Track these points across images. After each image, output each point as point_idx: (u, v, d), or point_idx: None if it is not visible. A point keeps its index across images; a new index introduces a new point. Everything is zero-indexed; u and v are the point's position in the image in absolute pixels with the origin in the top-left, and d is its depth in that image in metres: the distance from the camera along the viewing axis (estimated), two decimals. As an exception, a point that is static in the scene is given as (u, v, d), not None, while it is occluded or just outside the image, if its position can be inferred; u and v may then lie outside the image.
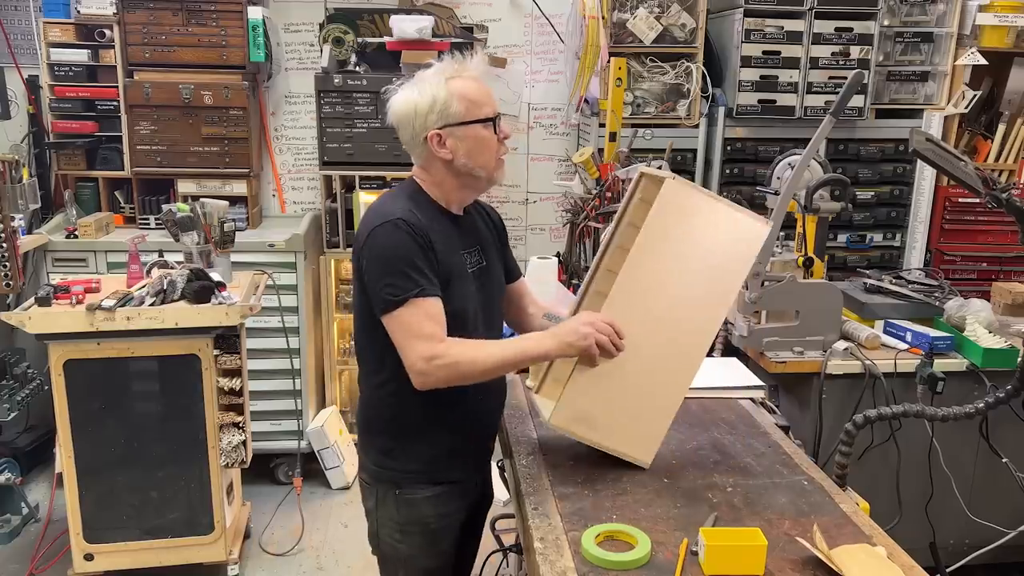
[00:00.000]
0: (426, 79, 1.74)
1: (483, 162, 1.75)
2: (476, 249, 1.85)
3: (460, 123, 1.71)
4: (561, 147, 4.34)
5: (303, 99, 4.16)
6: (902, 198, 3.97)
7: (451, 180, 1.77)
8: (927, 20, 3.89)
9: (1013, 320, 2.95)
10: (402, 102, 1.74)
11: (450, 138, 1.72)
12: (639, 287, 1.67)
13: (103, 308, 2.65)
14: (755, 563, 1.38)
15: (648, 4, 3.70)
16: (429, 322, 1.65)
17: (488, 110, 1.74)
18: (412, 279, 1.65)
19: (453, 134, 1.71)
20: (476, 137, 1.73)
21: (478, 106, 1.72)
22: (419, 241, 1.67)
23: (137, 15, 3.62)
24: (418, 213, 1.71)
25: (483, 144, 1.74)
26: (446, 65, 1.75)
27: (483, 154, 1.75)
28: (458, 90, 1.71)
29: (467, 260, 1.81)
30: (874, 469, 2.62)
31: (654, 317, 1.69)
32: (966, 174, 2.07)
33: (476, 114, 1.72)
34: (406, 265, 1.65)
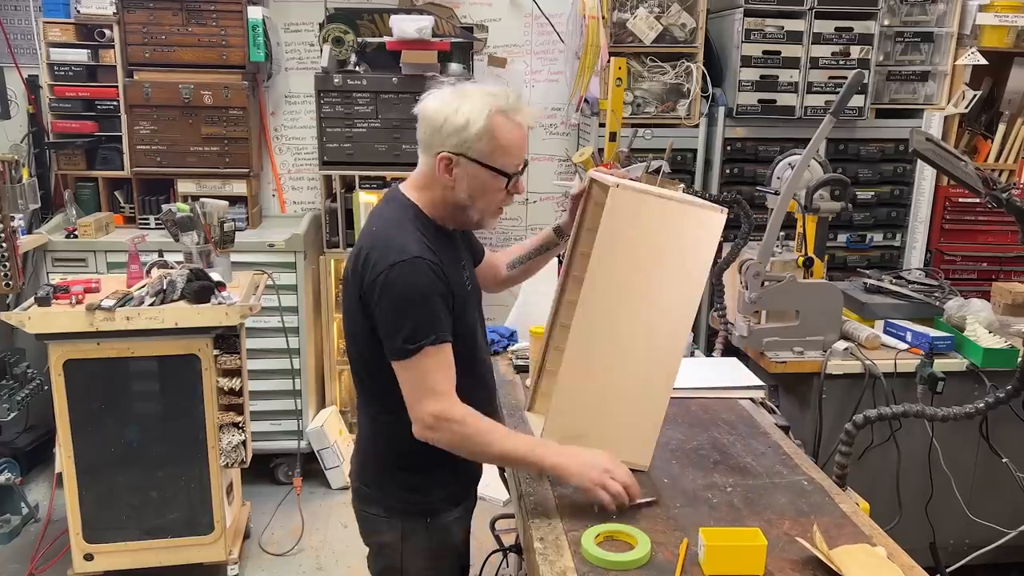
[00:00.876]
0: (472, 97, 1.60)
1: (482, 206, 1.66)
2: (465, 264, 1.79)
3: (477, 161, 1.60)
4: (561, 147, 4.34)
5: (303, 99, 4.16)
6: (902, 198, 3.97)
7: (444, 205, 1.68)
8: (927, 20, 3.89)
9: (1013, 320, 2.95)
10: (437, 106, 1.62)
11: (459, 168, 1.61)
12: (606, 296, 1.63)
13: (103, 308, 2.65)
14: (755, 563, 1.38)
15: (648, 4, 3.70)
16: (442, 374, 1.58)
17: (512, 165, 1.63)
18: (430, 325, 1.56)
19: (464, 166, 1.61)
20: (485, 183, 1.63)
21: (506, 155, 1.61)
22: (438, 280, 1.58)
23: (137, 15, 3.63)
24: (428, 242, 1.62)
25: (488, 192, 1.64)
26: (499, 94, 1.62)
27: (484, 199, 1.65)
28: (496, 128, 1.58)
29: (465, 277, 1.75)
30: (874, 469, 2.62)
31: (627, 323, 1.66)
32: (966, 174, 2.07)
33: (499, 163, 1.61)
34: (426, 311, 1.56)
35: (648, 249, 1.65)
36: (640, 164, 3.34)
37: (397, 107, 3.69)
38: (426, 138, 1.64)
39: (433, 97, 1.64)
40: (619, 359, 1.67)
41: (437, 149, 1.61)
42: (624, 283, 1.64)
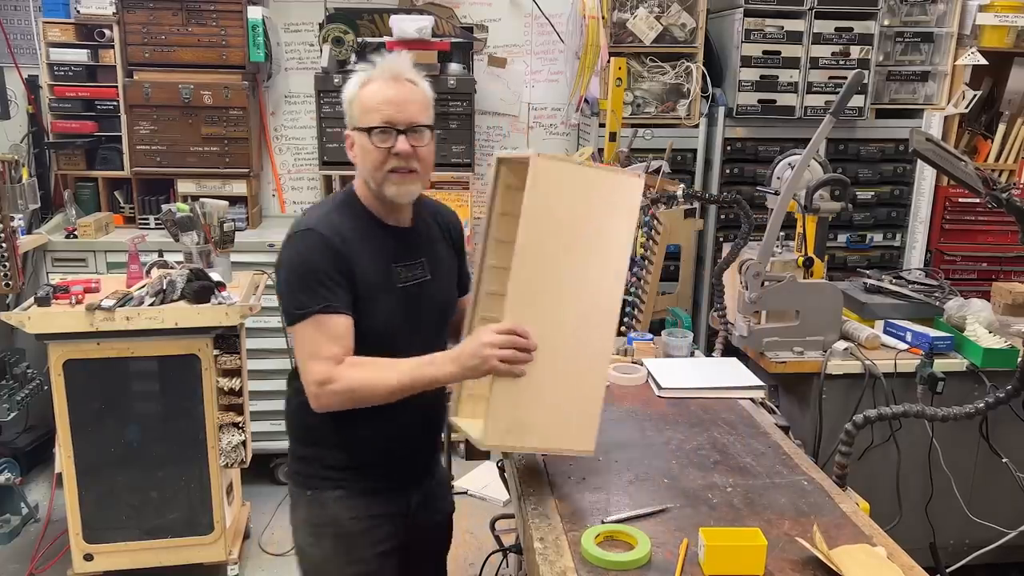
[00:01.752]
0: (355, 75, 1.68)
1: (368, 173, 1.66)
2: (420, 263, 1.76)
3: (355, 129, 1.66)
4: (561, 147, 4.33)
5: (303, 99, 4.16)
6: (902, 198, 3.97)
7: (365, 187, 1.71)
8: (927, 20, 3.89)
9: (1013, 320, 2.95)
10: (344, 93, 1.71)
11: (352, 144, 1.68)
12: (536, 276, 1.54)
13: (103, 308, 2.65)
14: (755, 563, 1.38)
15: (648, 4, 3.70)
16: (329, 342, 1.59)
17: (370, 118, 1.63)
18: (318, 294, 1.59)
19: (352, 140, 1.68)
20: (362, 146, 1.65)
21: (367, 112, 1.63)
22: (331, 252, 1.61)
23: (137, 15, 3.62)
24: (343, 222, 1.66)
25: (366, 154, 1.65)
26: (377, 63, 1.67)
27: (367, 164, 1.65)
28: (364, 93, 1.65)
29: (401, 274, 1.72)
30: (874, 469, 2.62)
31: (558, 303, 1.58)
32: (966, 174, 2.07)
33: (362, 121, 1.64)
34: (313, 279, 1.59)
35: (573, 220, 1.58)
36: (640, 164, 3.34)
37: (397, 107, 3.68)
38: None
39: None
40: (554, 342, 1.57)
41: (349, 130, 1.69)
42: (552, 259, 1.56)
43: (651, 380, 2.30)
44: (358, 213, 1.70)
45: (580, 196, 1.58)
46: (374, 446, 1.76)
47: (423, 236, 1.80)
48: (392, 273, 1.70)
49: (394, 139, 1.62)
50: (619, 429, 1.99)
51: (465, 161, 3.78)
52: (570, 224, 1.58)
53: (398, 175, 1.65)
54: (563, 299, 1.58)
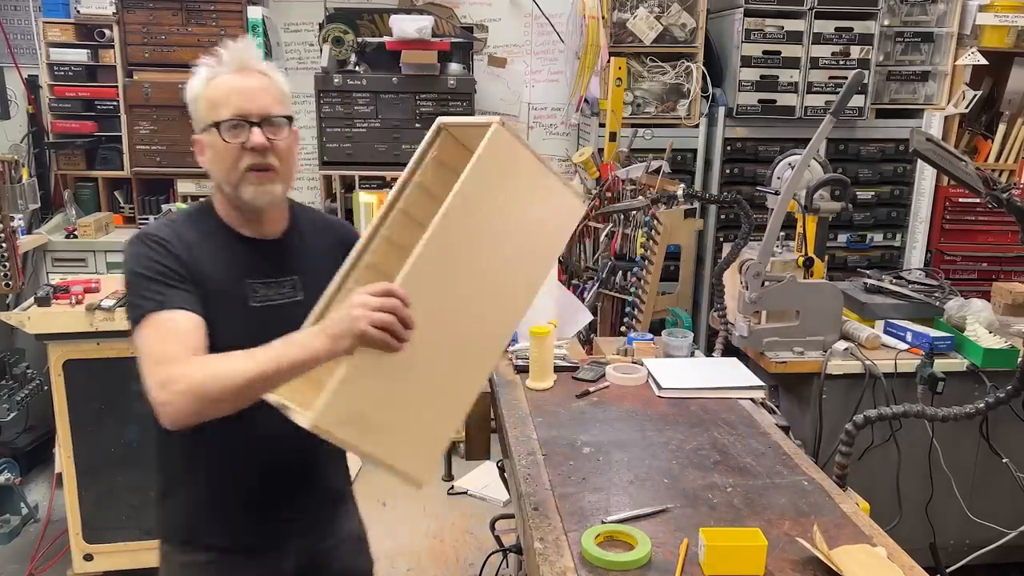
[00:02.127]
0: (198, 70, 1.47)
1: (222, 176, 1.45)
2: (289, 281, 1.51)
3: (201, 130, 1.46)
4: (561, 147, 4.34)
5: (303, 99, 4.16)
6: (902, 198, 3.97)
7: (221, 196, 1.51)
8: (927, 20, 3.89)
9: (1013, 320, 2.95)
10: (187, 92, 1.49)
11: (203, 146, 1.47)
12: (446, 257, 1.28)
13: (102, 308, 2.64)
14: (755, 563, 1.38)
15: (648, 4, 3.70)
16: (167, 341, 1.33)
17: (218, 112, 1.43)
18: (149, 293, 1.38)
19: (202, 143, 1.47)
20: (212, 145, 1.44)
21: (214, 107, 1.43)
22: (167, 253, 1.42)
23: (137, 15, 3.63)
24: (188, 231, 1.47)
25: (217, 154, 1.44)
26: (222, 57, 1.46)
27: (219, 165, 1.44)
28: (209, 88, 1.45)
29: (258, 291, 1.47)
30: (874, 469, 2.61)
31: (458, 300, 1.31)
32: (966, 174, 2.07)
33: (209, 117, 1.43)
34: (143, 279, 1.40)
35: (509, 211, 1.35)
36: (640, 164, 3.35)
37: (397, 107, 3.69)
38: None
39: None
40: (437, 341, 1.30)
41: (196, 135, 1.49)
42: (469, 248, 1.30)
43: (651, 380, 2.30)
44: (209, 224, 1.50)
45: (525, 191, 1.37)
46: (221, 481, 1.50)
47: (296, 250, 1.54)
48: (245, 289, 1.46)
49: (247, 132, 1.42)
50: (619, 429, 1.99)
51: (465, 161, 3.78)
52: (503, 217, 1.35)
53: (255, 174, 1.43)
54: (464, 298, 1.32)
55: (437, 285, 1.28)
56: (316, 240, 1.58)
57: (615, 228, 3.28)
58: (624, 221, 3.26)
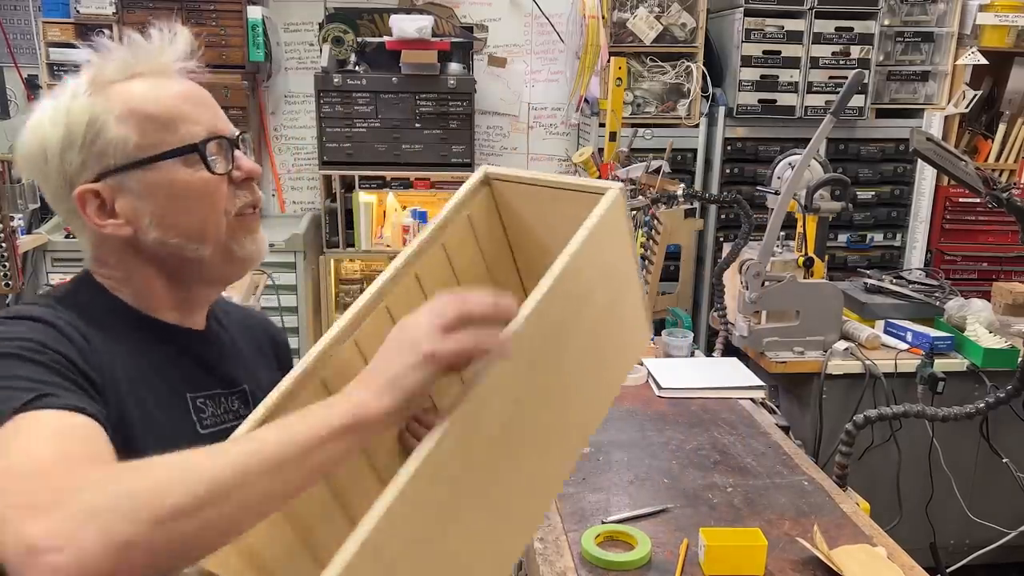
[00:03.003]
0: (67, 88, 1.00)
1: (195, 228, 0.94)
2: (238, 394, 1.02)
3: (134, 164, 0.91)
4: (561, 147, 4.33)
5: (303, 99, 4.16)
6: (902, 198, 3.97)
7: (145, 271, 0.96)
8: (927, 20, 3.88)
9: (1014, 320, 2.95)
10: (28, 137, 0.98)
11: (121, 196, 0.92)
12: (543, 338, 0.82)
13: (102, 308, 2.64)
14: (755, 563, 1.38)
15: (648, 4, 3.70)
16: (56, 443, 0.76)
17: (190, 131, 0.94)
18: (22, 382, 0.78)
19: (125, 187, 0.92)
20: (172, 184, 0.92)
21: (169, 125, 0.93)
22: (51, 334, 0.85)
23: (136, 15, 3.62)
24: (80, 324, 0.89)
25: (189, 194, 0.93)
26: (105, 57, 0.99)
27: (192, 213, 0.94)
28: (125, 101, 0.93)
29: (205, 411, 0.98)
30: (874, 469, 2.61)
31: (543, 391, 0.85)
32: (967, 174, 2.07)
33: (165, 141, 0.92)
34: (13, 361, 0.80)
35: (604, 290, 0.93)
36: (640, 164, 3.34)
37: (397, 107, 3.69)
38: (48, 191, 0.97)
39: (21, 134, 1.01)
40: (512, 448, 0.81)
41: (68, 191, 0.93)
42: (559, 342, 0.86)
43: (651, 380, 2.30)
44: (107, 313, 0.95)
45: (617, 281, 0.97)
46: None
47: (229, 348, 1.06)
48: (188, 410, 0.96)
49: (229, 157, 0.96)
50: (619, 429, 1.99)
51: (465, 161, 3.78)
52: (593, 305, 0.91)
53: (251, 217, 1.00)
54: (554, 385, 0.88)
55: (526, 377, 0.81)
56: (241, 333, 1.11)
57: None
58: (624, 221, 3.26)
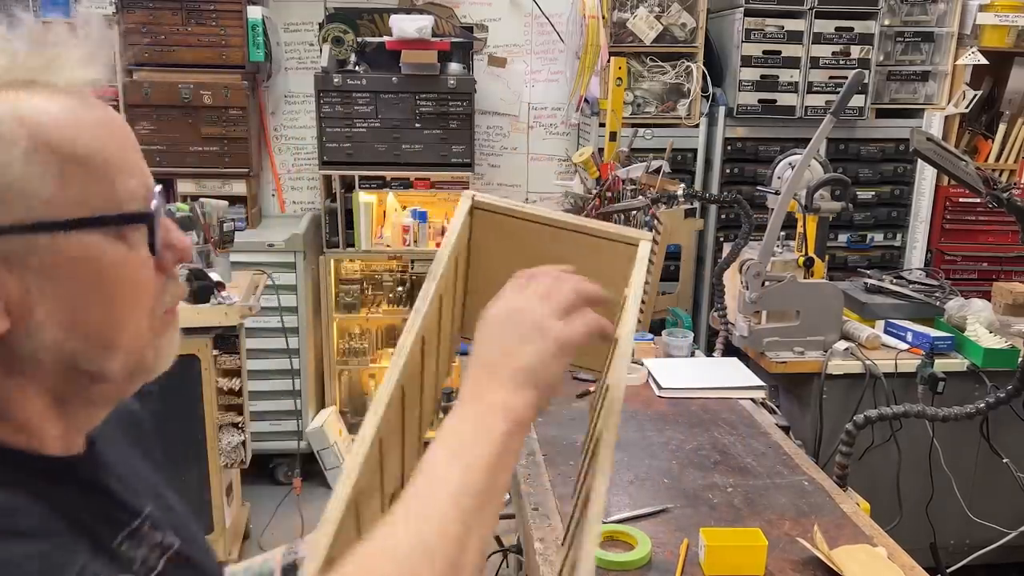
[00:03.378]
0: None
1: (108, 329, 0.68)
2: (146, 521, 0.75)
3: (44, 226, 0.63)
4: (561, 147, 4.33)
5: (303, 99, 4.15)
6: (903, 198, 3.96)
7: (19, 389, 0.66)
8: (927, 20, 3.88)
9: (1014, 320, 2.95)
10: None
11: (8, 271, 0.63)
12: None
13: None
14: (755, 564, 1.38)
15: (648, 3, 3.70)
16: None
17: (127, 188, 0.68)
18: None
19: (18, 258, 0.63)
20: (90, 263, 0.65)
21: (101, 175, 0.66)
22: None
23: (136, 14, 3.62)
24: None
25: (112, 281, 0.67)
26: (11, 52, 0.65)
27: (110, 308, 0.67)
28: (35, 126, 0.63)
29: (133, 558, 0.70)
30: (875, 469, 2.61)
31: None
32: (967, 174, 2.07)
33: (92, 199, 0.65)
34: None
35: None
36: (640, 164, 3.34)
37: (397, 107, 3.69)
38: None
39: None
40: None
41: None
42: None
43: (651, 380, 2.30)
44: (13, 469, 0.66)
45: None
46: None
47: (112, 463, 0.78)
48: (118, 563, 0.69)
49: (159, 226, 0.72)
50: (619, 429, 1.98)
51: (465, 161, 3.78)
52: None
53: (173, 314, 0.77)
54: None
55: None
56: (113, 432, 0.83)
57: (615, 228, 3.28)
58: (624, 221, 3.26)
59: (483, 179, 4.25)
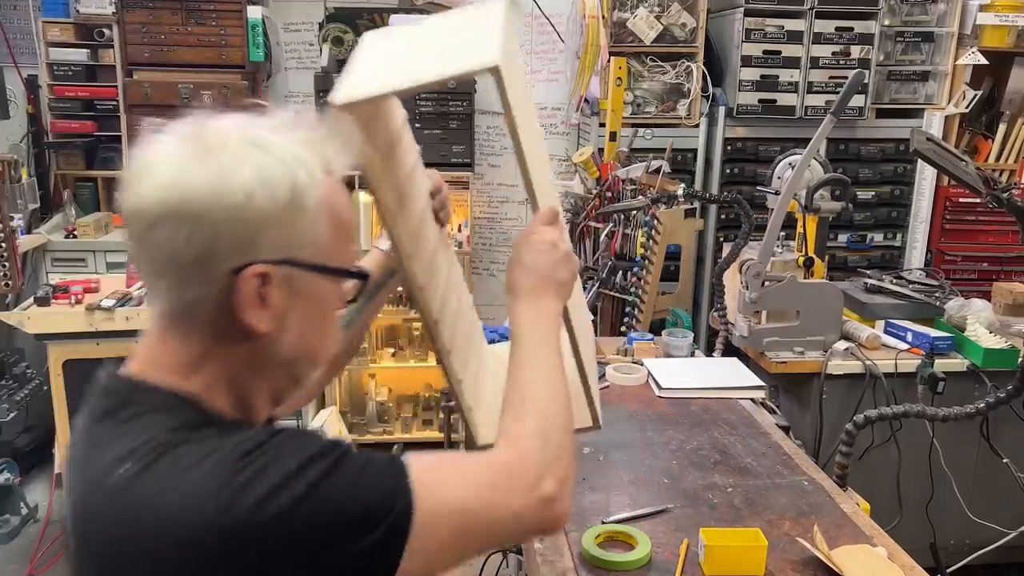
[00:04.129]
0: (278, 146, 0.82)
1: (316, 350, 0.89)
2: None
3: (317, 266, 0.84)
4: (561, 147, 4.33)
5: (303, 99, 4.15)
6: (903, 198, 3.96)
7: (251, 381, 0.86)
8: (928, 20, 3.88)
9: (1014, 320, 2.94)
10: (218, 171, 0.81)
11: (283, 289, 0.82)
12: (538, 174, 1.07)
13: (102, 308, 2.64)
14: (755, 564, 1.38)
15: (648, 3, 3.70)
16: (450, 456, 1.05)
17: (352, 251, 0.91)
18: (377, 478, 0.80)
19: (294, 282, 0.83)
20: (325, 302, 0.88)
21: (350, 239, 0.90)
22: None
23: (136, 14, 3.62)
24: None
25: (328, 319, 0.89)
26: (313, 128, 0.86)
27: (323, 336, 0.89)
28: (330, 194, 0.84)
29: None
30: (875, 469, 2.61)
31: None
32: (967, 174, 2.07)
33: (345, 254, 0.88)
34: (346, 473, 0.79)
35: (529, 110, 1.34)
36: (640, 164, 3.34)
37: (397, 107, 3.69)
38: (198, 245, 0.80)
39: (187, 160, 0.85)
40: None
41: (233, 261, 0.79)
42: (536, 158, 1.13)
43: (651, 380, 2.30)
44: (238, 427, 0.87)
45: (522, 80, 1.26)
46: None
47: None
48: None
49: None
50: (619, 429, 1.98)
51: (465, 161, 3.78)
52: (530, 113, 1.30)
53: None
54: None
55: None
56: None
57: (615, 228, 3.28)
58: (624, 221, 3.26)
59: (483, 179, 4.25)
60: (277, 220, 0.80)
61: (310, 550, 0.74)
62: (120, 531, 0.76)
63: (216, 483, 0.73)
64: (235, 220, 0.79)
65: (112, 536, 0.77)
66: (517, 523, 0.85)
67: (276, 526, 0.73)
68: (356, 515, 0.76)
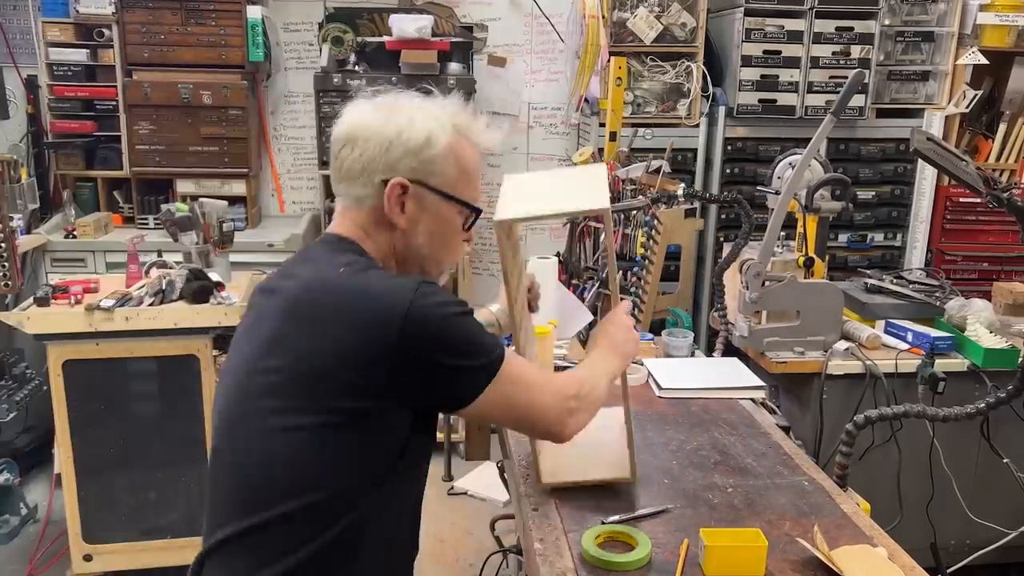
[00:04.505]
0: (427, 110, 1.28)
1: (441, 256, 1.33)
2: None
3: (439, 191, 1.27)
4: (561, 147, 4.33)
5: (302, 98, 4.16)
6: (903, 198, 3.96)
7: (393, 258, 1.32)
8: (928, 19, 3.88)
9: (1014, 320, 2.94)
10: (381, 120, 1.26)
11: (414, 201, 1.26)
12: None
13: (102, 308, 2.64)
14: (756, 564, 1.38)
15: (648, 3, 3.70)
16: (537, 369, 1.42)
17: (474, 196, 1.32)
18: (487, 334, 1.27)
19: (423, 198, 1.27)
20: (447, 221, 1.30)
21: (471, 184, 1.31)
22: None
23: (136, 14, 3.62)
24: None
25: (449, 234, 1.32)
26: (460, 108, 1.32)
27: (445, 247, 1.33)
28: (461, 149, 1.28)
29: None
30: (875, 469, 2.61)
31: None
32: (967, 174, 2.06)
33: (466, 193, 1.30)
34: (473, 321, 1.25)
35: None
36: (640, 164, 3.34)
37: (397, 107, 3.69)
38: (364, 161, 1.25)
39: (366, 110, 1.29)
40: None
41: (386, 175, 1.24)
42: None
43: (651, 380, 2.29)
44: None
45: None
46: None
47: None
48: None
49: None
50: (619, 429, 1.98)
51: (465, 161, 3.78)
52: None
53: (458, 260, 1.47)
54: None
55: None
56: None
57: (615, 228, 3.28)
58: (624, 221, 3.26)
59: (483, 179, 4.24)
60: (415, 152, 1.23)
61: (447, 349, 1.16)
62: (337, 299, 1.17)
63: (413, 284, 1.16)
64: (387, 147, 1.23)
65: (330, 302, 1.17)
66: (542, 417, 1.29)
67: (440, 322, 1.15)
68: (479, 341, 1.20)
